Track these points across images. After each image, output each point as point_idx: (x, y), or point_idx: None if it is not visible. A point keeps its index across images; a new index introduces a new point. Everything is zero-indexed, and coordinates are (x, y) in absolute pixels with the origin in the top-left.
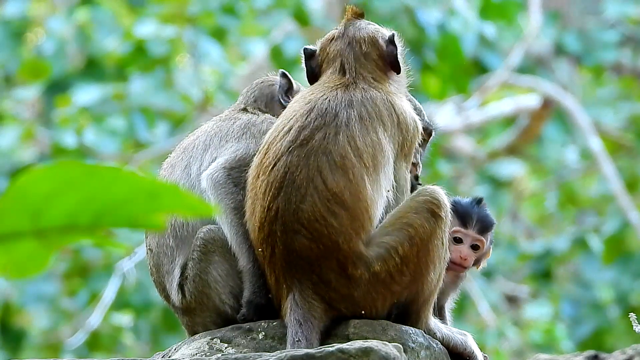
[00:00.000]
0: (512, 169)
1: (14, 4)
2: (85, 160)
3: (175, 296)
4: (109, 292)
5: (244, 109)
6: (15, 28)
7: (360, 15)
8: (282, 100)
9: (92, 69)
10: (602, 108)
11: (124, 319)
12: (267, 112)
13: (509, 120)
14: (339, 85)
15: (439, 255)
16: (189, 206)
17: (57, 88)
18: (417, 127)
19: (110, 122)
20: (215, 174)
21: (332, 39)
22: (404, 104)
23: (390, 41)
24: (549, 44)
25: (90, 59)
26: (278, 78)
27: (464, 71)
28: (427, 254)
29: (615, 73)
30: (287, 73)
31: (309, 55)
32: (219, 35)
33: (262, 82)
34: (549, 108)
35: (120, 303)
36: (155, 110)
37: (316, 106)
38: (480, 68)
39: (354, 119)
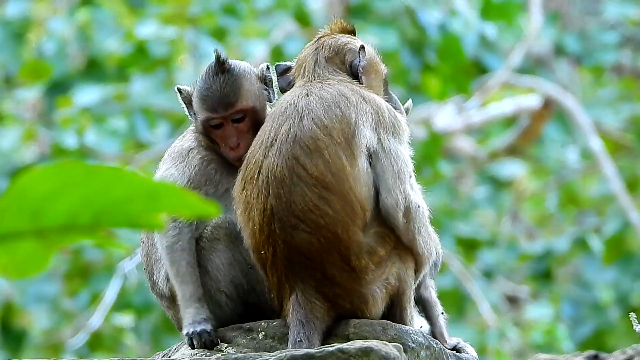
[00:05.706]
0: (512, 169)
1: (15, 5)
2: (86, 160)
3: (163, 284)
4: (110, 293)
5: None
6: (16, 29)
7: (349, 32)
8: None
9: (93, 69)
10: (602, 108)
11: (125, 319)
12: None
13: (510, 121)
14: (299, 85)
15: None
16: (188, 206)
17: (58, 89)
18: (383, 107)
19: (111, 122)
20: None
21: (304, 49)
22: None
23: (358, 51)
24: (549, 45)
25: (91, 59)
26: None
27: (464, 71)
28: None
29: (615, 74)
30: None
31: (283, 71)
32: (220, 35)
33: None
34: (549, 108)
35: (121, 304)
36: (156, 110)
37: (276, 110)
38: (480, 68)
39: (314, 102)
